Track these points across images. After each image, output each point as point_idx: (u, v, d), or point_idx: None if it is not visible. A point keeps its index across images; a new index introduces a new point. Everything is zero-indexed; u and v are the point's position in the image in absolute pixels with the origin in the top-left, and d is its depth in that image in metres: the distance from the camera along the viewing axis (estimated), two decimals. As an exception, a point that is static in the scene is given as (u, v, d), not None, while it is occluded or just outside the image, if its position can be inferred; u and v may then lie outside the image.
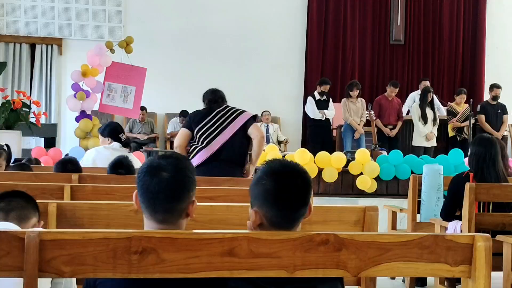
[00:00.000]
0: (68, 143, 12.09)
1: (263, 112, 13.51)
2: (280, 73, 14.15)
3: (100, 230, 2.17)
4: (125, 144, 6.15)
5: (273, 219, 2.23)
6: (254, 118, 6.19)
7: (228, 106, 6.19)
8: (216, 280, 2.19)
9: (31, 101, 10.03)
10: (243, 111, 6.17)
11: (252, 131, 6.02)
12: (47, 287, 2.58)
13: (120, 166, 4.94)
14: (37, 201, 2.95)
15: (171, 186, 2.22)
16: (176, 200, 2.24)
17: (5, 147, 5.44)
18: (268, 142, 13.00)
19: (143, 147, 12.41)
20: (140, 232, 2.17)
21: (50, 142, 11.04)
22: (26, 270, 2.09)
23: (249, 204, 3.39)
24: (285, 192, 2.20)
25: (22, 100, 9.47)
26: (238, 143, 6.03)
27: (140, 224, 3.13)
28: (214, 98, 6.24)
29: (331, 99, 11.82)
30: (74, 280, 2.72)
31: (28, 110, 9.64)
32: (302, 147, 11.25)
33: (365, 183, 8.94)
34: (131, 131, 12.95)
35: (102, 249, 2.13)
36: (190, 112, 12.75)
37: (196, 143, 5.99)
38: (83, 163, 5.90)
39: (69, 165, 5.23)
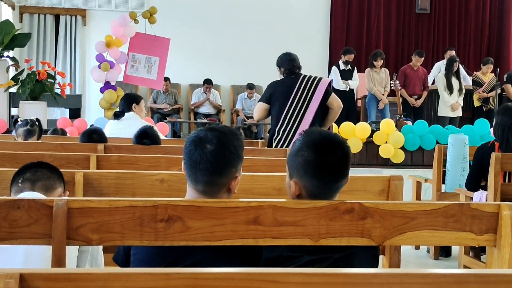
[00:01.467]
0: (92, 114, 12.17)
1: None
2: (304, 43, 14.05)
3: (127, 198, 2.19)
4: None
5: (312, 190, 2.23)
6: (330, 85, 6.04)
7: (305, 76, 6.01)
8: (250, 248, 2.21)
9: (56, 72, 10.07)
10: (320, 79, 5.99)
11: (332, 101, 5.95)
12: (74, 254, 2.61)
13: (145, 136, 4.96)
14: (64, 170, 2.97)
15: (212, 159, 2.22)
16: (217, 173, 2.24)
17: (37, 123, 5.49)
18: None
19: (167, 118, 12.45)
20: (166, 200, 2.18)
21: (75, 113, 11.12)
22: (54, 237, 2.12)
23: (273, 174, 3.42)
24: (325, 163, 2.20)
25: (47, 71, 9.51)
26: (320, 115, 5.93)
27: (165, 194, 3.17)
28: (292, 68, 6.07)
29: (355, 69, 11.72)
30: (100, 248, 2.75)
31: (53, 81, 9.69)
32: (326, 117, 11.20)
33: (389, 152, 8.90)
34: (155, 102, 12.98)
35: (128, 217, 2.15)
36: (212, 80, 12.82)
37: (282, 124, 5.85)
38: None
39: (94, 135, 5.27)
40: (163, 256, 2.22)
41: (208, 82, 13.13)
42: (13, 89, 9.98)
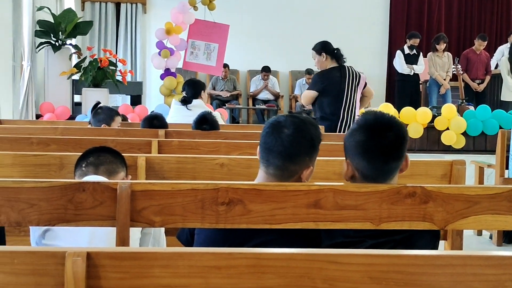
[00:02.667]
0: (153, 101, 12.31)
1: (346, 67, 13.39)
2: (363, 27, 13.93)
3: (188, 182, 2.22)
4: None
5: (364, 171, 2.22)
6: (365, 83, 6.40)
7: (349, 69, 6.30)
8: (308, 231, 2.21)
9: (117, 59, 10.23)
10: (360, 75, 6.34)
11: (368, 90, 6.36)
12: (137, 236, 2.66)
13: (204, 122, 5.00)
14: (127, 155, 3.02)
15: (287, 145, 2.22)
16: (289, 160, 2.24)
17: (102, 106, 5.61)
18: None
19: (226, 104, 12.51)
20: (227, 184, 2.20)
21: (136, 100, 11.27)
22: (118, 219, 2.17)
23: (333, 158, 3.41)
24: (374, 145, 2.18)
25: (109, 59, 9.67)
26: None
27: (225, 178, 3.20)
28: (339, 58, 6.33)
29: (421, 54, 11.54)
30: (162, 230, 2.79)
31: (114, 68, 9.85)
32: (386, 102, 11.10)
33: (451, 138, 8.77)
34: (214, 88, 13.06)
35: (190, 199, 2.18)
36: (270, 67, 12.80)
37: (341, 113, 6.14)
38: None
39: (155, 121, 5.33)
40: (225, 238, 2.24)
41: (266, 69, 13.13)
42: (76, 77, 10.18)
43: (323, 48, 6.40)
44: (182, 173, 3.20)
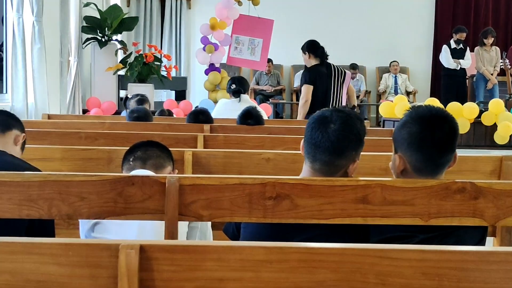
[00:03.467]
0: (197, 96, 12.37)
1: (391, 62, 13.28)
2: (409, 22, 13.78)
3: (236, 176, 2.23)
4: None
5: (417, 164, 2.19)
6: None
7: (334, 66, 6.94)
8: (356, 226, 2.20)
9: (162, 55, 10.30)
10: (345, 71, 7.02)
11: (350, 88, 7.08)
12: (184, 230, 2.67)
13: (249, 117, 5.01)
14: (173, 149, 3.04)
15: (334, 140, 2.20)
16: (336, 155, 2.22)
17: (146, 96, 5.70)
18: (396, 92, 12.78)
19: (270, 99, 12.52)
20: (274, 178, 2.21)
21: (180, 95, 11.34)
22: (167, 213, 2.19)
23: (379, 153, 3.39)
24: (430, 137, 2.16)
25: (154, 54, 9.74)
26: None
27: (270, 172, 3.20)
28: (323, 56, 6.90)
29: (468, 48, 11.37)
30: (209, 224, 2.80)
31: (159, 63, 9.92)
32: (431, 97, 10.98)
33: (503, 137, 8.63)
34: (257, 83, 13.08)
35: (238, 194, 2.19)
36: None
37: (322, 108, 6.35)
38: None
39: (201, 116, 5.36)
40: (271, 232, 2.25)
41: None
42: (122, 72, 10.29)
43: (307, 47, 6.96)
44: (228, 168, 3.21)
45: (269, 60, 12.29)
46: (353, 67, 13.14)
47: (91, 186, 2.19)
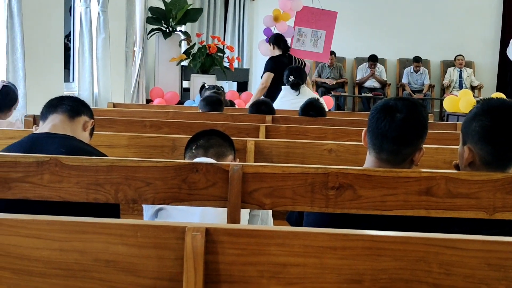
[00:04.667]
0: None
1: (456, 56, 13.05)
2: (475, 14, 13.50)
3: (299, 165, 2.24)
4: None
5: (487, 157, 2.15)
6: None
7: (295, 57, 7.84)
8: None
9: (225, 46, 10.37)
10: (304, 60, 7.94)
11: (307, 81, 7.47)
12: (246, 218, 2.70)
13: (311, 108, 5.01)
14: (236, 138, 3.07)
15: (401, 128, 2.18)
16: (404, 144, 2.20)
17: (222, 88, 5.78)
18: (460, 87, 12.57)
19: (331, 92, 12.47)
20: (337, 168, 2.20)
21: (242, 86, 11.40)
22: (230, 200, 2.21)
23: (443, 146, 3.35)
24: (502, 130, 2.12)
25: (217, 45, 9.82)
26: None
27: (333, 163, 3.20)
28: (286, 48, 7.83)
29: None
30: (270, 212, 2.82)
31: (222, 54, 9.99)
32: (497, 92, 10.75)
33: None
34: (319, 75, 13.03)
35: (300, 183, 2.19)
36: (377, 55, 12.65)
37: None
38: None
39: (263, 106, 5.39)
40: (334, 222, 2.25)
41: (372, 59, 12.99)
42: (185, 63, 10.40)
43: (272, 39, 7.92)
44: (290, 158, 3.22)
45: (332, 53, 12.23)
46: (417, 60, 12.97)
47: (157, 172, 2.23)
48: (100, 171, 2.23)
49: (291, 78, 6.33)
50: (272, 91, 7.20)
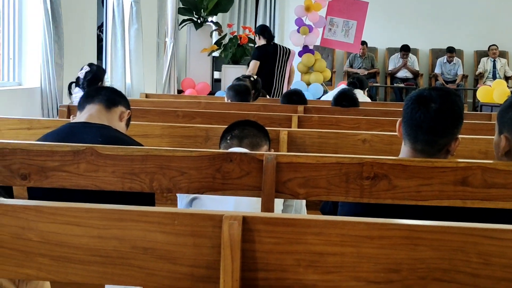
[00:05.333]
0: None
1: (490, 46, 12.87)
2: (509, 5, 13.30)
3: (333, 155, 2.23)
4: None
5: None
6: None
7: (280, 46, 8.40)
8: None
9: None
10: (290, 50, 8.41)
11: (292, 68, 8.60)
12: (279, 208, 2.70)
13: (344, 98, 4.99)
14: (269, 129, 3.07)
15: (436, 118, 2.14)
16: (439, 134, 2.17)
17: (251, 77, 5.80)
18: (494, 77, 12.41)
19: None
20: (372, 158, 2.20)
21: (273, 77, 11.38)
22: (264, 190, 2.21)
23: (478, 137, 3.31)
24: None
25: (248, 36, 9.81)
26: None
27: (366, 154, 3.17)
28: (271, 38, 8.39)
29: None
30: (304, 203, 2.82)
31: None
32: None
33: None
34: (351, 66, 12.97)
35: (335, 173, 2.19)
36: (409, 45, 12.54)
37: (272, 81, 7.61)
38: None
39: (294, 97, 5.38)
40: (369, 213, 2.24)
41: (404, 49, 12.88)
42: (216, 53, 10.41)
43: (258, 30, 8.47)
44: (323, 148, 3.22)
45: (364, 43, 12.16)
46: (450, 50, 12.84)
47: (191, 161, 2.24)
48: (135, 161, 2.24)
49: None
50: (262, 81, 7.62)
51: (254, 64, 8.07)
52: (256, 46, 8.44)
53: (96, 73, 4.88)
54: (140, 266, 1.33)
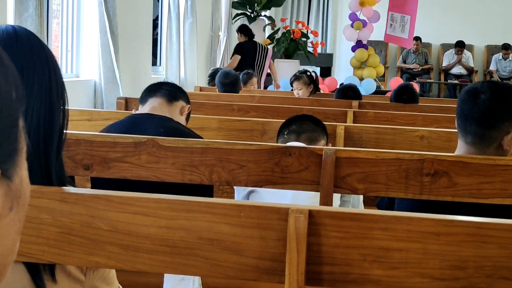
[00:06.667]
0: (342, 73, 12.33)
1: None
2: None
3: (393, 151, 2.22)
4: None
5: None
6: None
7: (259, 43, 8.93)
8: None
9: (309, 31, 10.33)
10: (267, 48, 9.03)
11: (273, 69, 9.09)
12: (337, 203, 2.70)
13: (404, 92, 4.95)
14: (325, 123, 3.06)
15: (484, 111, 2.08)
16: (487, 126, 2.10)
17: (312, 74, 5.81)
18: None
19: (417, 78, 12.26)
20: (432, 155, 2.18)
21: (325, 71, 11.35)
22: (322, 184, 2.22)
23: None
24: None
25: (301, 30, 9.79)
26: None
27: (424, 150, 3.15)
28: (251, 36, 8.87)
29: None
30: (361, 198, 2.81)
31: (306, 39, 9.97)
32: None
33: None
34: (404, 61, 12.84)
35: (394, 169, 2.18)
36: (464, 41, 12.36)
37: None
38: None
39: (349, 92, 5.36)
40: (427, 210, 2.22)
41: (459, 45, 12.69)
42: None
43: (238, 29, 9.04)
44: (380, 144, 3.20)
45: (418, 38, 12.02)
46: (505, 47, 12.60)
47: (250, 154, 2.25)
48: (195, 153, 2.27)
49: None
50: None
51: (234, 58, 8.67)
52: (237, 42, 9.04)
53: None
54: (206, 257, 1.35)
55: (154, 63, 8.01)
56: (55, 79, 1.26)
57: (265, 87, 9.52)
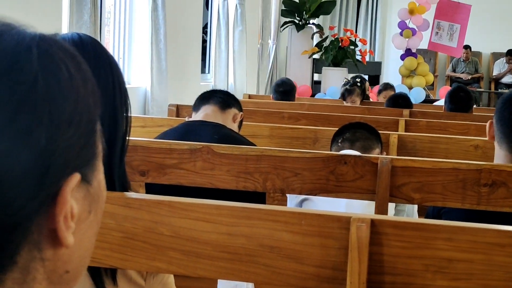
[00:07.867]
0: (390, 81, 12.16)
1: None
2: None
3: (450, 160, 2.20)
4: None
5: None
6: None
7: None
8: None
9: (358, 39, 10.29)
10: None
11: None
12: (391, 213, 2.68)
13: (462, 90, 4.90)
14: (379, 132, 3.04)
15: None
16: None
17: (358, 82, 5.77)
18: None
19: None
20: (490, 165, 2.15)
21: (374, 80, 11.26)
22: (378, 193, 2.20)
23: None
24: None
25: (350, 38, 9.76)
26: None
27: (478, 160, 3.10)
28: None
29: None
30: (416, 208, 2.79)
31: (354, 47, 9.92)
32: None
33: None
34: (454, 70, 12.69)
35: (451, 179, 2.15)
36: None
37: None
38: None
39: (400, 100, 5.33)
40: (476, 221, 2.18)
41: (510, 53, 12.48)
42: (316, 56, 10.41)
43: None
44: (434, 153, 3.16)
45: (467, 47, 11.88)
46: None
47: (305, 162, 2.25)
48: (250, 160, 2.28)
49: None
50: None
51: None
52: None
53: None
54: (267, 264, 1.35)
55: (202, 70, 8.07)
56: (118, 87, 1.28)
57: (313, 95, 9.51)
